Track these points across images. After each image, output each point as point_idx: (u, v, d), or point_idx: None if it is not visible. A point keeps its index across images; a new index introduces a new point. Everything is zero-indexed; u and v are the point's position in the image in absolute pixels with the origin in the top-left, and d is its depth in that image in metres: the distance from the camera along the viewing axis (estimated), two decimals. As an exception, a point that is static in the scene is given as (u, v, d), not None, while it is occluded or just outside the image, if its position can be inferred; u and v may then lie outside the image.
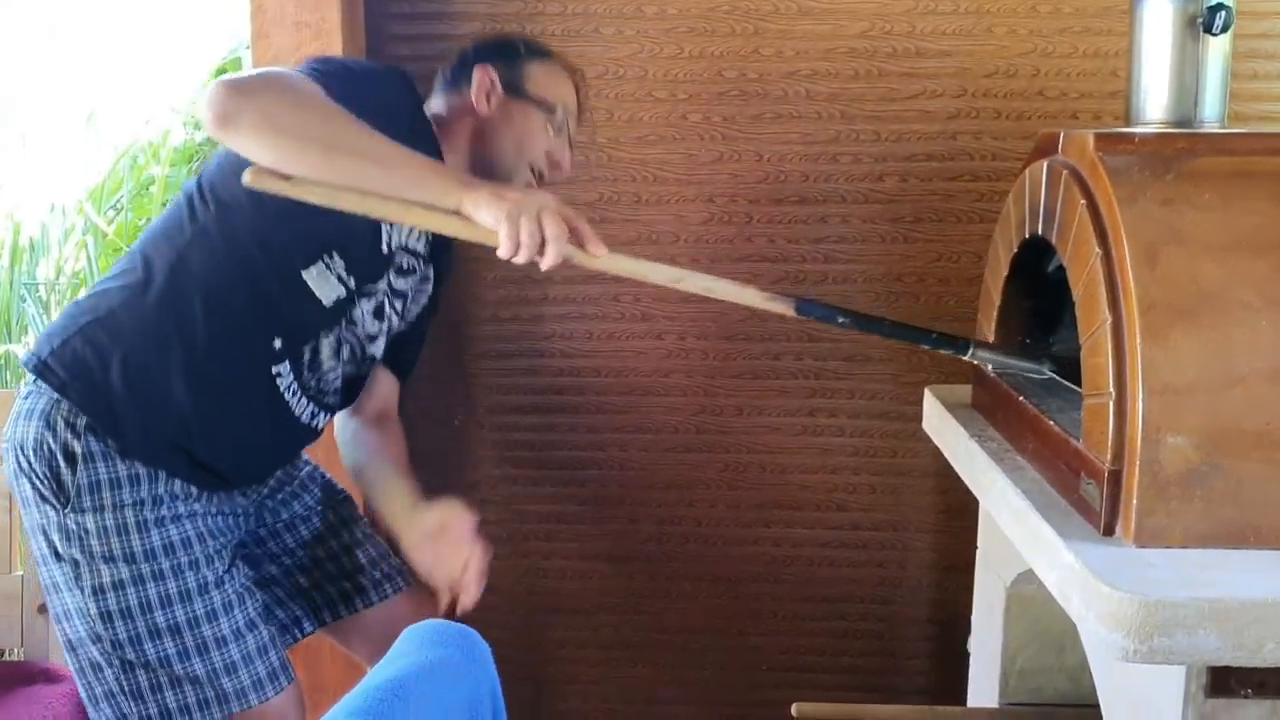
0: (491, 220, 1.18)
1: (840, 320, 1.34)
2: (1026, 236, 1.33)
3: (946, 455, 1.56)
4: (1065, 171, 1.18)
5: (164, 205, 2.70)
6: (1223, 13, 1.14)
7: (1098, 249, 1.08)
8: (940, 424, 1.58)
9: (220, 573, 1.37)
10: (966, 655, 1.72)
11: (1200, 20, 1.16)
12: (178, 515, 1.35)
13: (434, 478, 1.97)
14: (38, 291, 2.52)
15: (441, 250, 1.57)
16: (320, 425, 1.49)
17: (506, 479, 2.04)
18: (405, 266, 1.48)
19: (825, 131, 1.85)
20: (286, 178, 1.18)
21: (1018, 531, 1.19)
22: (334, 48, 1.71)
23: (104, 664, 1.32)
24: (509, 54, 1.51)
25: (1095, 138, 1.13)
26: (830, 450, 1.98)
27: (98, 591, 1.30)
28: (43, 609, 1.60)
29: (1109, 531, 1.04)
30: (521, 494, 2.04)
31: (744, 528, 2.02)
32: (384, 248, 1.42)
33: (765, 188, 1.88)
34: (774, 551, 2.03)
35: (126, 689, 1.32)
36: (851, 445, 1.98)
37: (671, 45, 1.84)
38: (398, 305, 1.51)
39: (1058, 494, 1.17)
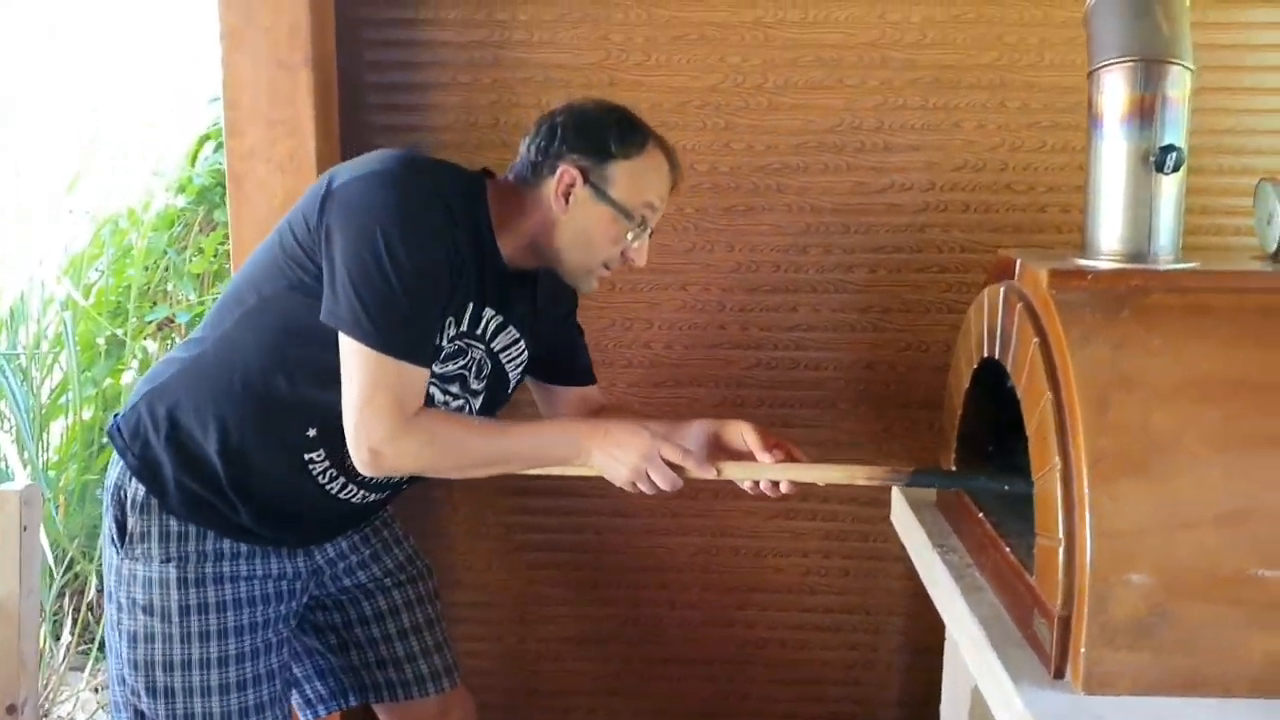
0: (610, 478, 1.34)
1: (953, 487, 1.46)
2: (985, 356, 1.34)
3: (911, 558, 1.56)
4: (1020, 303, 1.19)
5: (145, 270, 2.71)
6: (1174, 154, 1.15)
7: (1048, 392, 1.09)
8: (906, 524, 1.59)
9: (249, 645, 1.40)
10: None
11: (1153, 159, 1.17)
12: (221, 576, 1.38)
13: None
14: (18, 360, 2.52)
15: (540, 292, 1.50)
16: (374, 500, 1.46)
17: (479, 562, 2.04)
18: (460, 349, 1.39)
19: (796, 223, 1.86)
20: None
21: (975, 659, 1.20)
22: (307, 145, 1.72)
23: (123, 706, 1.41)
24: (599, 148, 1.36)
25: (1049, 275, 1.14)
26: (802, 534, 1.99)
27: (129, 638, 1.38)
28: (10, 710, 1.60)
29: (1059, 674, 1.05)
30: (495, 578, 2.04)
31: (718, 610, 2.02)
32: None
33: (737, 276, 1.89)
34: (748, 634, 2.03)
35: None
36: (823, 529, 1.98)
37: None
38: (472, 382, 1.43)
39: (1013, 624, 1.18)
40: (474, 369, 1.42)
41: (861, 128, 1.83)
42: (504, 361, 1.46)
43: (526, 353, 1.48)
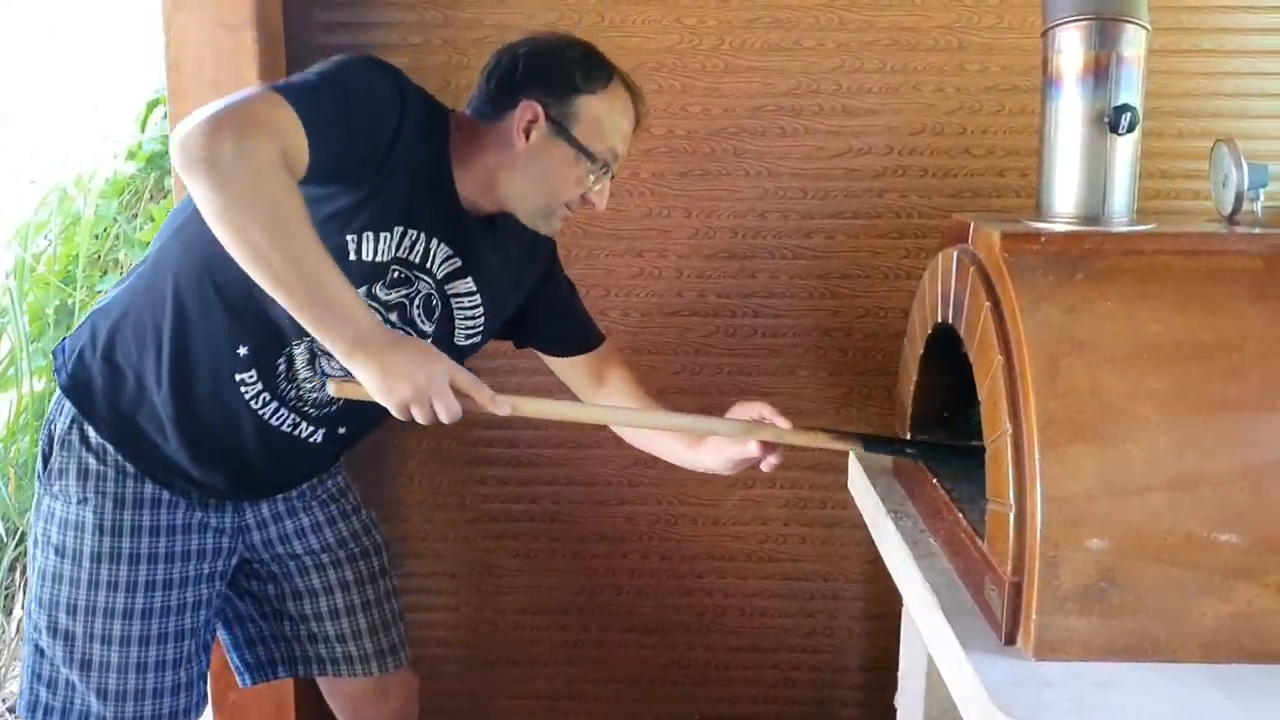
0: (380, 399, 1.15)
1: (908, 452, 1.40)
2: (939, 321, 1.32)
3: (868, 524, 1.55)
4: (973, 267, 1.17)
5: (95, 238, 2.64)
6: (1128, 114, 1.13)
7: (999, 356, 1.07)
8: (862, 491, 1.57)
9: (159, 602, 1.36)
10: (894, 708, 1.72)
11: (1107, 119, 1.14)
12: (139, 527, 1.34)
13: None
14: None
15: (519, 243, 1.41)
16: (315, 439, 1.37)
17: (436, 532, 2.00)
18: (399, 278, 1.29)
19: (753, 188, 1.83)
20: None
21: (927, 624, 1.18)
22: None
23: (31, 641, 1.38)
24: (562, 83, 1.28)
25: (1002, 237, 1.12)
26: (761, 501, 1.97)
27: (39, 574, 1.36)
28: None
29: (1010, 640, 1.03)
30: (452, 549, 2.01)
31: (676, 579, 2.00)
32: (352, 256, 1.24)
33: (694, 243, 1.86)
34: (706, 602, 2.01)
35: (39, 672, 1.37)
36: (782, 497, 1.96)
37: None
38: (418, 313, 1.33)
39: (966, 590, 1.16)
40: (421, 304, 1.32)
41: (819, 91, 1.80)
42: (455, 309, 1.37)
43: (484, 317, 1.40)
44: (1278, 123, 1.78)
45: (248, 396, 1.31)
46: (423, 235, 1.29)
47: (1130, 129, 1.14)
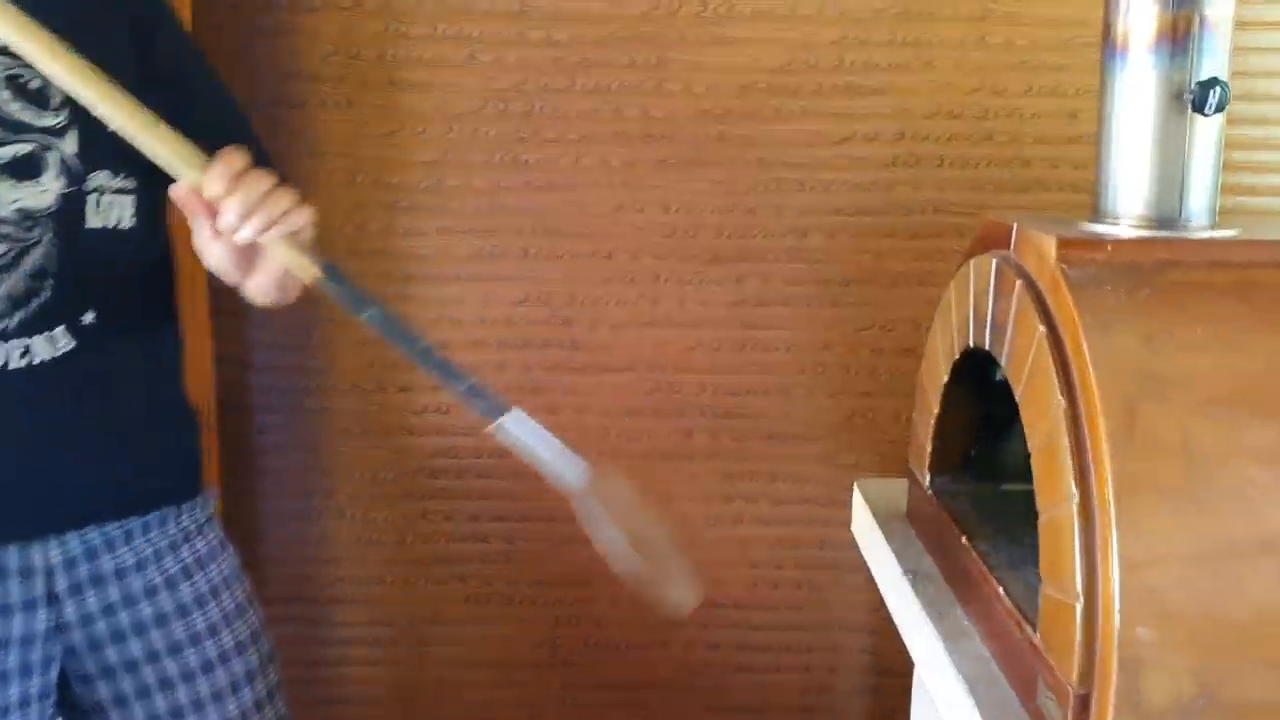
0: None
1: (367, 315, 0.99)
2: (971, 345, 1.11)
3: (878, 583, 1.35)
4: (1020, 281, 0.96)
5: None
6: (1217, 90, 0.92)
7: (1061, 399, 0.86)
8: (870, 541, 1.37)
9: None
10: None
11: (1189, 96, 0.94)
12: None
13: (286, 571, 1.82)
14: None
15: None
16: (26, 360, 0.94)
17: (372, 576, 1.81)
18: None
19: (741, 180, 1.67)
20: None
21: (959, 728, 0.98)
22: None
23: None
24: None
25: (1059, 245, 0.91)
26: (750, 541, 1.79)
27: None
28: None
29: (1074, 767, 0.83)
30: (390, 594, 1.81)
31: (650, 630, 1.82)
32: None
33: (673, 243, 1.69)
34: (684, 656, 1.83)
35: None
36: (774, 535, 1.79)
37: (562, 77, 1.63)
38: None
39: (1009, 686, 0.96)
40: (10, 90, 0.93)
41: (819, 67, 1.63)
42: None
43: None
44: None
45: None
46: None
47: (1219, 109, 0.94)
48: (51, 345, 0.95)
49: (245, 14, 1.62)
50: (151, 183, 0.97)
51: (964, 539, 1.13)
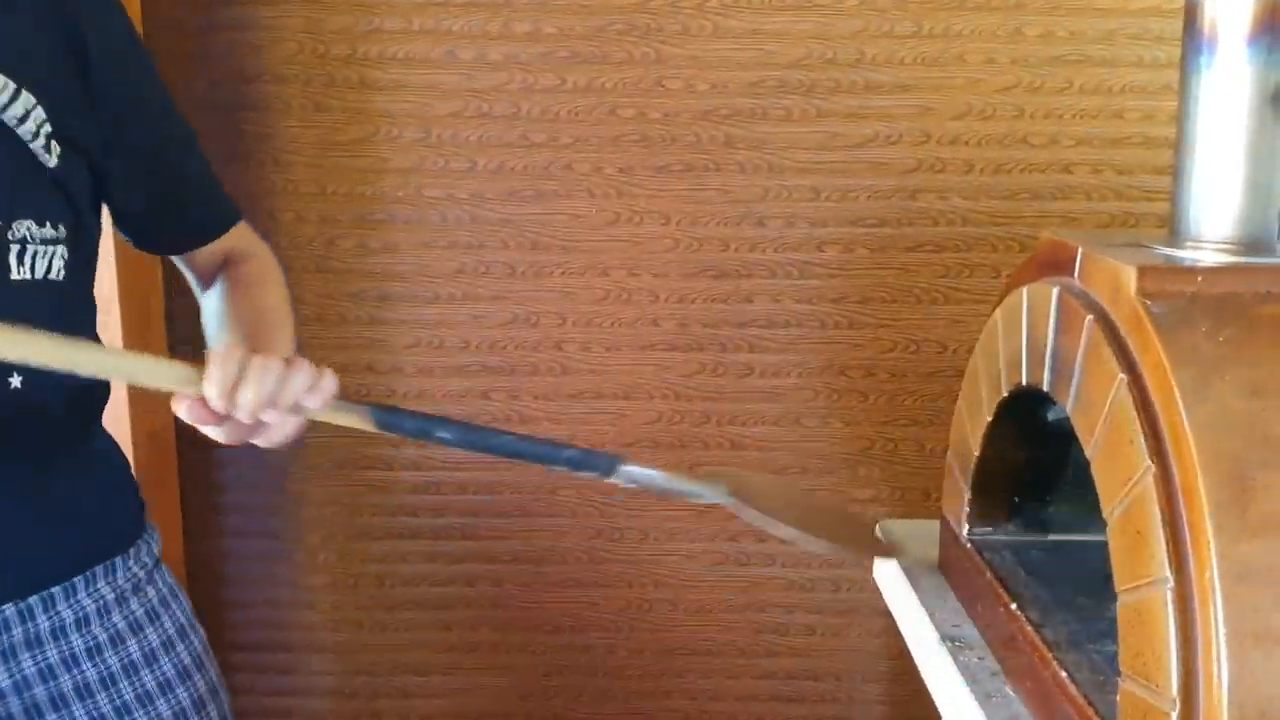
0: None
1: (443, 435, 0.89)
2: (1024, 384, 0.97)
3: (908, 644, 1.22)
4: (1089, 316, 0.83)
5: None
6: (1326, 88, 0.79)
7: (1151, 462, 0.72)
8: (899, 597, 1.24)
9: None
10: None
11: (1290, 96, 0.80)
12: None
13: (253, 616, 1.71)
14: None
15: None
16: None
17: (349, 620, 1.70)
18: None
19: (750, 188, 1.56)
20: None
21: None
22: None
23: None
24: None
25: (1140, 274, 0.78)
26: (758, 584, 1.69)
27: None
28: None
29: None
30: (367, 640, 1.71)
31: (650, 679, 1.72)
32: None
33: (674, 258, 1.59)
34: (688, 707, 1.73)
35: None
36: (784, 577, 1.68)
37: (550, 75, 1.52)
38: None
39: (1077, 794, 0.82)
40: None
41: (836, 61, 1.52)
42: None
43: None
44: None
45: None
46: None
47: (1327, 111, 0.80)
48: None
49: (200, 7, 1.49)
50: (83, 226, 0.92)
51: (1013, 605, 0.99)
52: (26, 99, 0.86)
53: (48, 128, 0.87)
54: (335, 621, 1.70)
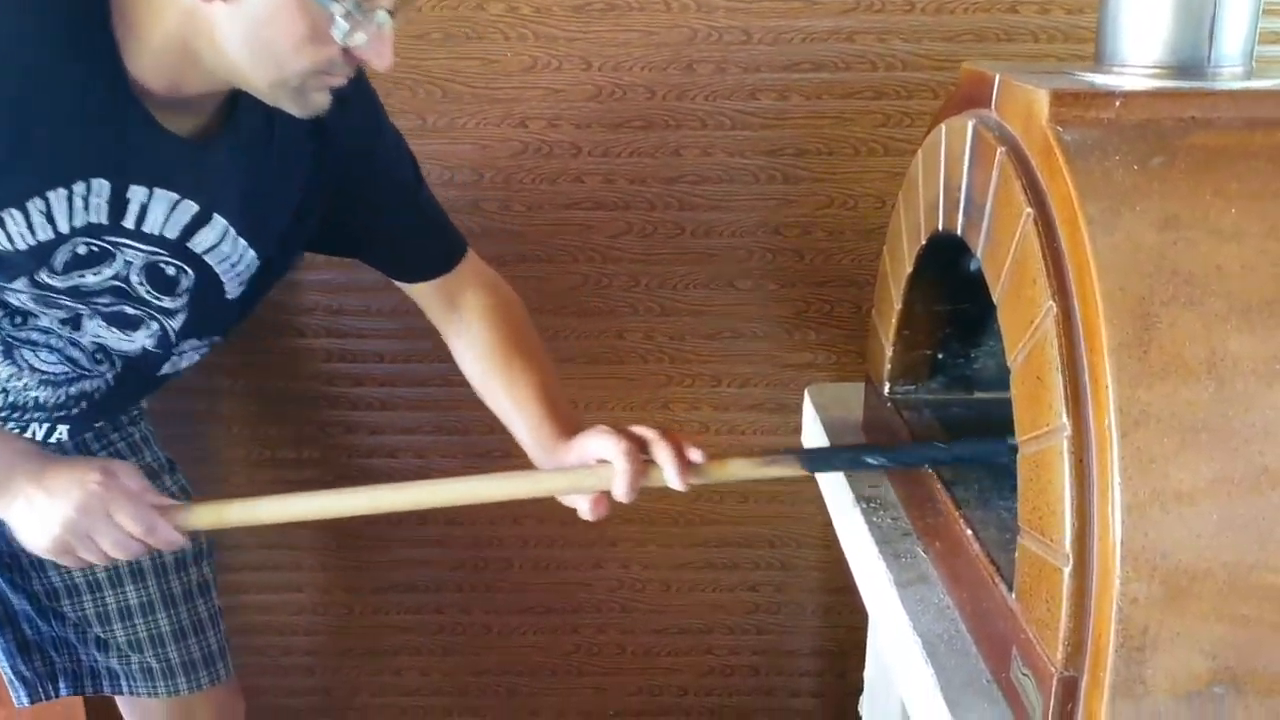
0: (31, 546, 0.98)
1: (871, 463, 1.04)
2: (940, 229, 0.92)
3: (828, 507, 1.20)
4: (1002, 148, 0.77)
5: None
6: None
7: (1053, 302, 0.68)
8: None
9: None
10: (860, 689, 1.42)
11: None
12: None
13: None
14: None
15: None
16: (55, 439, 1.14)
17: (338, 604, 1.69)
18: (84, 255, 0.99)
19: (677, 30, 1.43)
20: None
21: (914, 693, 0.83)
22: None
23: None
24: None
25: (1052, 98, 0.73)
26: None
27: None
28: None
29: (1056, 763, 0.68)
30: (356, 624, 1.71)
31: (583, 547, 1.68)
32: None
33: (596, 107, 1.47)
34: (621, 575, 1.70)
35: None
36: (717, 444, 1.61)
37: None
38: (145, 290, 1.03)
39: (976, 651, 0.80)
40: (144, 277, 1.01)
41: None
42: (209, 262, 1.02)
43: (254, 252, 1.04)
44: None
45: None
46: (104, 184, 0.93)
47: (1266, -84, 0.73)
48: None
49: None
50: (242, 318, 1.13)
51: (926, 468, 0.97)
52: (249, 255, 1.02)
53: (255, 267, 1.04)
54: (324, 604, 1.69)
